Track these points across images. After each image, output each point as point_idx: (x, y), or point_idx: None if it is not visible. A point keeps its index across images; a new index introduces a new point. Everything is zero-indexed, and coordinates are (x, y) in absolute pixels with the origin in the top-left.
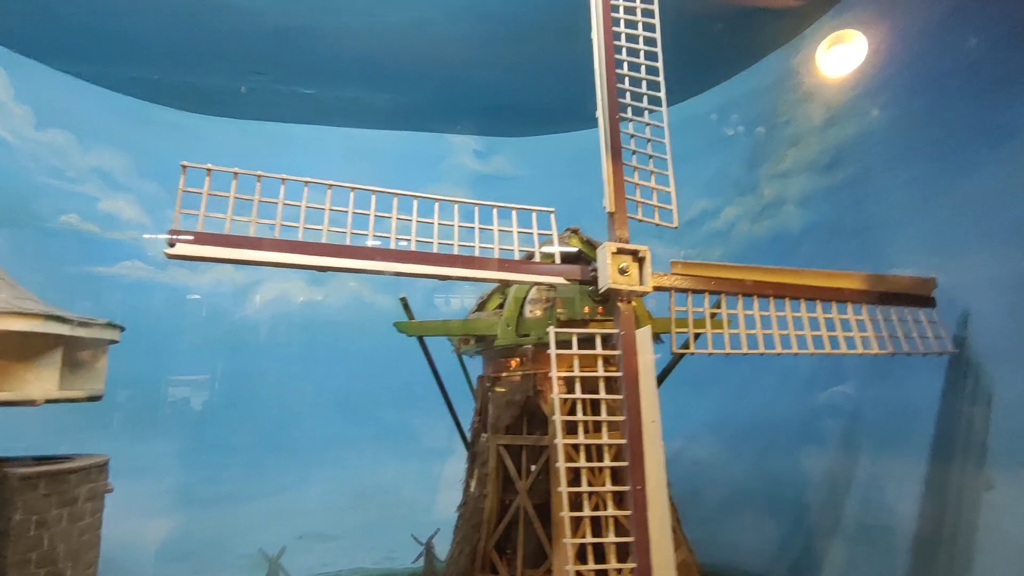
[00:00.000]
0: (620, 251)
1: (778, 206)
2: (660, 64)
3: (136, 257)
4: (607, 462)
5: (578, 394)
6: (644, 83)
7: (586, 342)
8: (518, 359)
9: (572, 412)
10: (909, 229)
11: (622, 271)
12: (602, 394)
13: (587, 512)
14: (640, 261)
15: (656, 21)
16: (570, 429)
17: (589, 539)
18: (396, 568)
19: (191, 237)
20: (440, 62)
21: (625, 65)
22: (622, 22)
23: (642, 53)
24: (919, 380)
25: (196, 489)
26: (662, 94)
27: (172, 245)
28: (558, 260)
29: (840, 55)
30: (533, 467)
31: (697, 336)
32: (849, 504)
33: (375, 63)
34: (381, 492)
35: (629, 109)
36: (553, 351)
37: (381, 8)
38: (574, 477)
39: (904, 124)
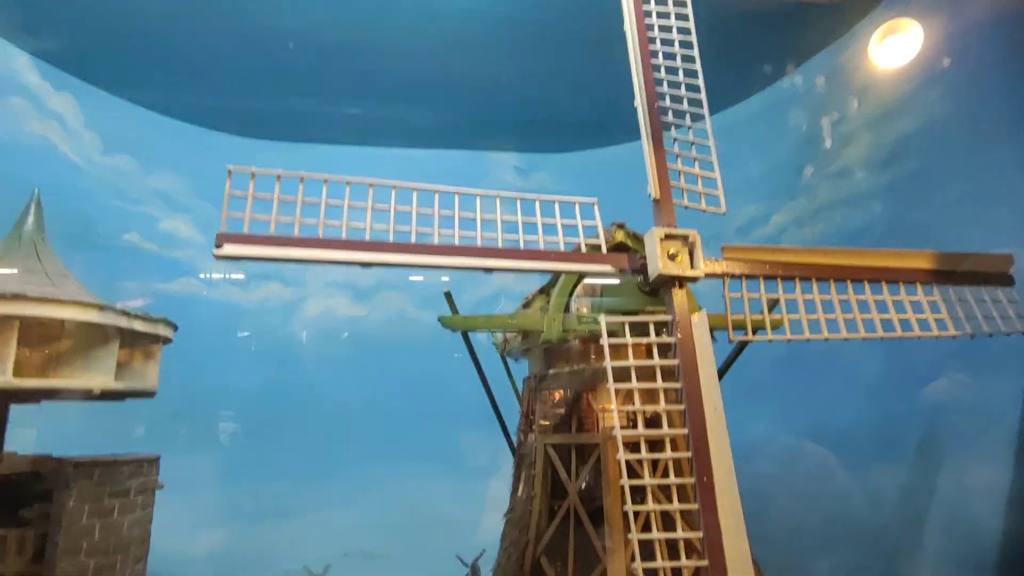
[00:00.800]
0: (669, 236)
1: (832, 208)
2: (695, 52)
3: (191, 274)
4: (668, 454)
5: (634, 383)
6: (681, 71)
7: (639, 333)
8: (565, 356)
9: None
10: (982, 218)
11: (672, 257)
12: (659, 383)
13: (650, 506)
14: (690, 246)
15: (689, 11)
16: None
17: (656, 535)
18: None
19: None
20: (479, 77)
21: (660, 55)
22: (654, 13)
23: (676, 43)
24: (1000, 378)
25: (242, 502)
26: (699, 81)
27: (220, 246)
28: (604, 250)
29: (894, 47)
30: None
31: (755, 331)
32: (932, 521)
33: (417, 80)
34: (425, 511)
35: (668, 97)
36: (605, 340)
37: (422, 23)
38: (635, 471)
39: (968, 112)
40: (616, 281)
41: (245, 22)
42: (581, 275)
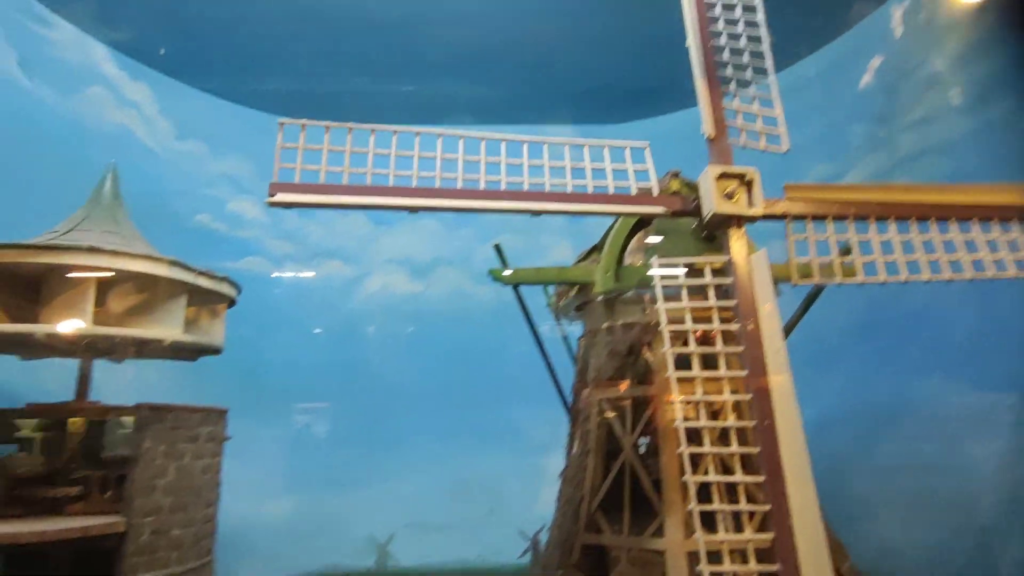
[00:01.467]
0: (725, 175)
1: (916, 158)
2: None
3: (259, 254)
4: (727, 395)
5: (688, 325)
6: (739, 6)
7: (695, 277)
8: (619, 308)
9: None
10: None
11: (728, 196)
12: (716, 324)
13: (708, 448)
14: (748, 184)
15: None
16: (682, 367)
17: (713, 476)
18: (502, 563)
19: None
20: (533, 46)
21: None
22: None
23: None
24: None
25: (309, 473)
26: (758, 17)
27: (273, 195)
28: (655, 192)
29: None
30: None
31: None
32: None
33: (470, 52)
34: (485, 485)
35: (724, 36)
36: (659, 282)
37: None
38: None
39: None
40: (671, 231)
41: (299, 3)
42: (635, 227)
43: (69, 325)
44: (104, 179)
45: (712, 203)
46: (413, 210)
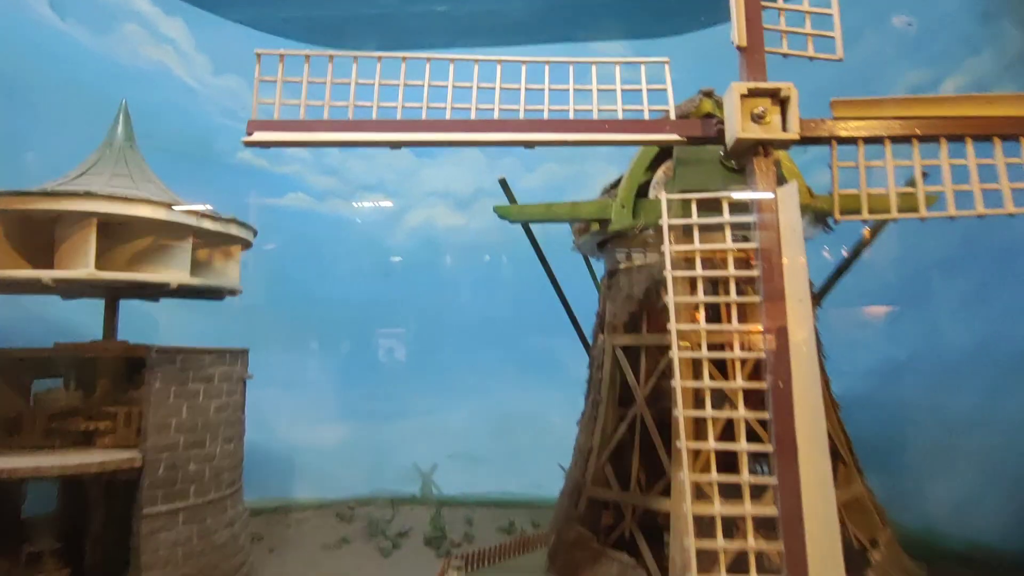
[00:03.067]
0: (753, 92)
1: None
2: None
3: (300, 189)
4: (737, 352)
5: (698, 271)
6: None
7: (712, 214)
8: (637, 248)
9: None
10: None
11: (757, 117)
12: (730, 270)
13: (709, 412)
14: (782, 103)
15: None
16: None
17: (712, 444)
18: (544, 495)
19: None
20: None
21: None
22: None
23: None
24: None
25: (355, 403)
26: None
27: (250, 134)
28: (673, 115)
29: None
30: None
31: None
32: None
33: None
34: (527, 419)
35: None
36: (665, 219)
37: None
38: (694, 372)
39: None
40: (695, 160)
41: None
42: (659, 156)
43: (71, 271)
44: (116, 119)
45: (736, 127)
46: (395, 146)
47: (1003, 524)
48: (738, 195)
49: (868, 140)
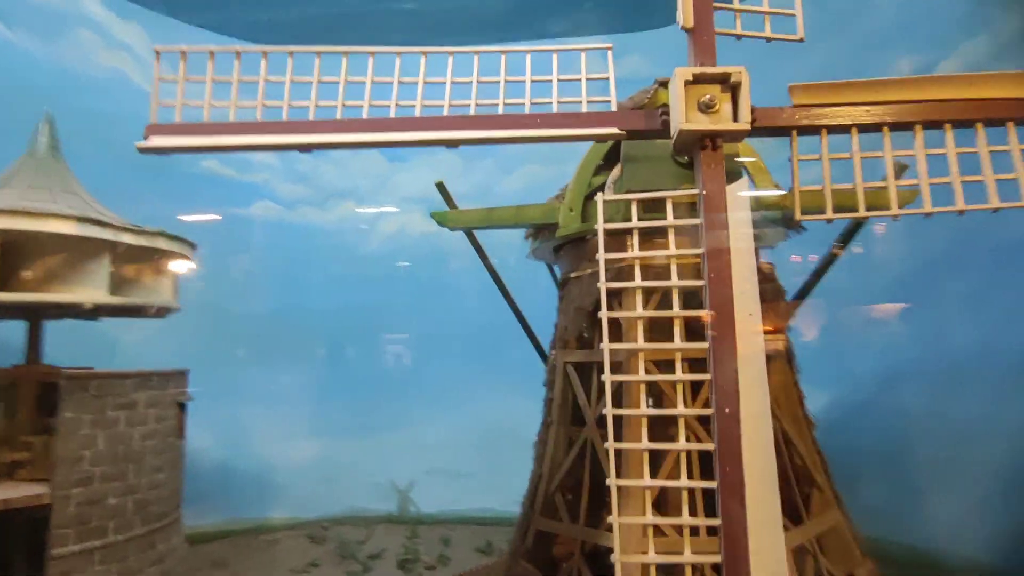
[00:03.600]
0: (699, 78)
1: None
2: None
3: (268, 198)
4: (680, 375)
5: (638, 282)
6: None
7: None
8: (588, 255)
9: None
10: None
11: (704, 106)
12: (674, 280)
13: (645, 444)
14: (733, 89)
15: None
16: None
17: (648, 481)
18: None
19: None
20: None
21: None
22: None
23: None
24: None
25: (330, 418)
26: None
27: (146, 139)
28: (614, 106)
29: None
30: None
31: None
32: None
33: None
34: (509, 433)
35: None
36: (601, 223)
37: None
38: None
39: None
40: (644, 157)
41: None
42: (612, 154)
43: None
44: (37, 128)
45: (680, 116)
46: (304, 149)
47: (1011, 543)
48: (680, 193)
49: (833, 130)
